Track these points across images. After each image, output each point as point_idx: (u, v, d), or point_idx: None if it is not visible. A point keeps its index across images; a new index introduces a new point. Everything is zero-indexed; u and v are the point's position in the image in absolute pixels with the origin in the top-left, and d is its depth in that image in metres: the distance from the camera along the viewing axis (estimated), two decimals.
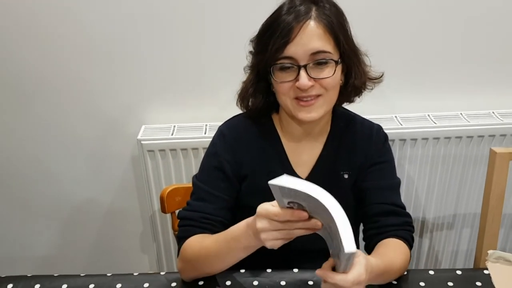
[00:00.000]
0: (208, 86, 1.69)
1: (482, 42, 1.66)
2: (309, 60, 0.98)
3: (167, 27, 1.59)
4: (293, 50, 0.97)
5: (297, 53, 0.97)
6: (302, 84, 0.98)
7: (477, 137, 1.67)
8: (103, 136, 1.77)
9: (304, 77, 0.98)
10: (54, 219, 1.93)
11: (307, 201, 0.76)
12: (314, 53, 0.97)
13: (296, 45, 0.97)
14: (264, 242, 0.84)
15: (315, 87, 1.00)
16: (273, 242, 0.83)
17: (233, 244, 0.93)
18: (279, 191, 0.77)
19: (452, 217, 1.85)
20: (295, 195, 0.76)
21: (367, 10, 1.57)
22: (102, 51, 1.62)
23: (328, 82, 1.00)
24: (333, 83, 1.01)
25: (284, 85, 1.01)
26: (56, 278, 1.06)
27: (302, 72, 0.98)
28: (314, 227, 0.82)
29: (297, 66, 0.98)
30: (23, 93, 1.69)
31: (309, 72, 0.98)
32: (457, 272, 1.06)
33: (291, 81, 1.00)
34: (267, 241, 0.83)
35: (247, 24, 1.06)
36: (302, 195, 0.74)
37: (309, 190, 0.73)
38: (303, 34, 0.97)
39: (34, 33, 1.59)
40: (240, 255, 0.95)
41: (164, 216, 1.78)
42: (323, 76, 0.99)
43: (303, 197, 0.75)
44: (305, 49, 0.97)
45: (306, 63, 0.98)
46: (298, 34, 0.96)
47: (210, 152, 1.13)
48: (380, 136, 1.19)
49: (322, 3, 1.01)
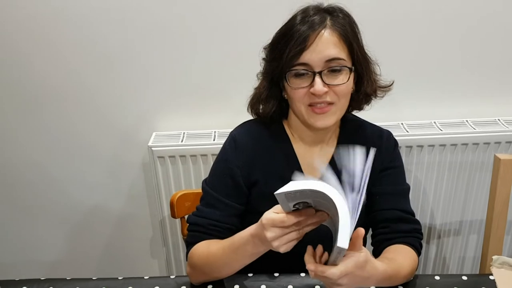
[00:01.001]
0: (217, 95, 1.71)
1: (488, 50, 1.67)
2: (323, 67, 1.00)
3: (178, 36, 1.62)
4: (308, 57, 1.00)
5: (312, 60, 1.00)
6: (317, 90, 1.00)
7: (483, 144, 1.68)
8: (115, 143, 1.79)
9: (319, 83, 1.00)
10: (66, 224, 1.96)
11: (312, 197, 0.79)
12: (328, 60, 1.00)
13: (311, 52, 0.99)
14: (278, 249, 0.85)
15: (329, 94, 1.02)
16: (286, 246, 0.85)
17: (240, 252, 0.95)
18: (284, 197, 0.79)
19: (459, 224, 1.85)
20: (300, 195, 0.78)
21: (375, 19, 1.58)
22: (114, 60, 1.65)
23: (342, 89, 1.02)
24: (346, 90, 1.04)
25: (299, 91, 1.03)
26: (68, 281, 1.08)
27: (317, 78, 1.00)
28: (321, 218, 0.84)
29: (312, 72, 1.00)
30: (35, 101, 1.72)
31: (323, 79, 1.00)
32: (463, 278, 1.06)
33: (306, 87, 1.02)
34: (281, 247, 0.85)
35: (257, 32, 1.08)
36: (307, 192, 0.76)
37: (315, 186, 0.75)
38: (318, 41, 0.99)
39: (46, 41, 1.62)
40: (247, 261, 0.97)
41: (173, 221, 1.80)
42: (337, 83, 1.02)
43: (309, 194, 0.77)
44: (320, 56, 0.99)
45: (321, 69, 1.00)
46: (314, 42, 0.99)
47: (221, 158, 1.14)
48: (390, 141, 1.20)
49: (336, 12, 1.04)
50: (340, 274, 0.81)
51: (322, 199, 0.78)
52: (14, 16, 1.58)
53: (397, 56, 1.65)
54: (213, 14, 1.59)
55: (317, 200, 0.80)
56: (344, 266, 0.82)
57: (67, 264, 2.04)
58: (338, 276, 0.81)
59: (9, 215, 1.94)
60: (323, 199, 0.77)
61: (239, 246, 0.95)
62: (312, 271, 0.82)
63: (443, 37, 1.64)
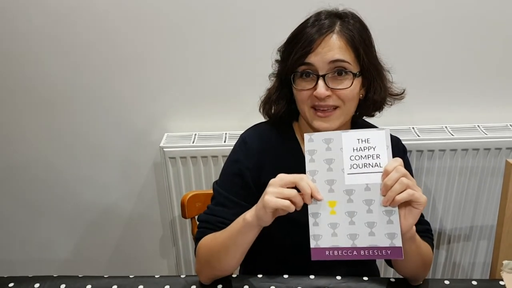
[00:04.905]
0: (228, 97, 1.73)
1: (501, 55, 1.66)
2: (328, 70, 1.01)
3: (190, 38, 1.63)
4: (313, 59, 1.01)
5: (316, 62, 1.01)
6: (319, 93, 1.01)
7: (495, 149, 1.67)
8: (127, 144, 1.81)
9: (322, 86, 1.01)
10: (78, 224, 1.98)
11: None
12: (332, 61, 1.01)
13: (316, 54, 1.01)
14: (268, 202, 0.88)
15: (332, 97, 1.03)
16: (276, 200, 0.88)
17: (233, 229, 0.99)
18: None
19: (469, 229, 1.84)
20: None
21: (386, 24, 1.58)
22: (127, 61, 1.67)
23: (346, 94, 1.03)
24: (350, 95, 1.04)
25: (303, 93, 1.04)
26: (80, 279, 1.09)
27: (320, 81, 1.01)
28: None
29: (316, 75, 1.02)
30: (48, 102, 1.75)
31: (327, 82, 1.01)
32: (473, 283, 1.06)
33: (310, 89, 1.03)
34: (271, 199, 0.88)
35: (269, 35, 1.09)
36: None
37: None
38: (324, 45, 1.01)
39: (60, 42, 1.65)
40: (240, 241, 0.98)
41: (183, 222, 1.81)
42: (340, 87, 1.02)
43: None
44: (324, 59, 1.00)
45: (325, 73, 1.01)
46: (320, 45, 1.00)
47: (231, 159, 1.15)
48: (400, 147, 1.21)
49: (347, 18, 1.05)
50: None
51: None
52: (28, 17, 1.61)
53: (409, 61, 1.65)
54: (226, 18, 1.60)
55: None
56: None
57: (79, 263, 2.07)
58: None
59: (22, 214, 1.97)
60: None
61: (232, 224, 0.99)
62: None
63: (455, 42, 1.64)
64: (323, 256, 0.88)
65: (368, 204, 0.87)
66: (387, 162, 0.88)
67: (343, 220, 0.88)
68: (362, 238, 0.87)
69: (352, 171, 0.89)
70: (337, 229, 0.88)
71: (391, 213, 0.86)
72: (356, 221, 0.87)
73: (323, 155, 0.90)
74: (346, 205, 0.88)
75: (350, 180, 0.88)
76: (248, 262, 1.18)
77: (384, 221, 0.86)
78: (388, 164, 0.87)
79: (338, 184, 0.89)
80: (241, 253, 1.00)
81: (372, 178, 0.87)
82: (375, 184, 0.87)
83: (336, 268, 1.16)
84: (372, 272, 1.30)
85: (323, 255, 0.88)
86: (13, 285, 1.07)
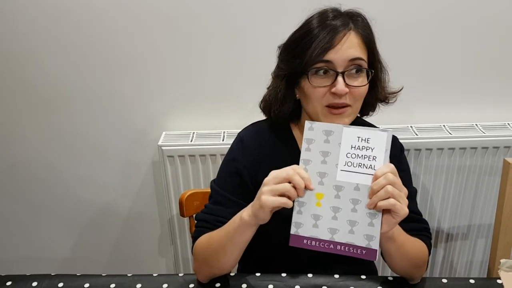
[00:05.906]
0: (227, 96, 1.73)
1: (499, 54, 1.66)
2: (346, 67, 1.01)
3: (188, 37, 1.63)
4: (332, 56, 1.00)
5: (336, 59, 1.00)
6: (339, 89, 1.00)
7: (492, 148, 1.67)
8: (125, 142, 1.81)
9: (341, 83, 1.00)
10: (76, 222, 1.98)
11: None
12: (352, 60, 1.01)
13: (336, 51, 1.00)
14: (266, 201, 0.88)
15: (347, 95, 1.02)
16: (273, 197, 0.88)
17: (230, 227, 0.99)
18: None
19: (467, 228, 1.84)
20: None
21: (384, 22, 1.57)
22: (125, 61, 1.67)
23: (360, 91, 1.03)
24: (363, 93, 1.05)
25: (319, 90, 1.02)
26: (78, 277, 1.09)
27: (339, 78, 1.00)
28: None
29: (335, 72, 1.01)
30: (47, 101, 1.74)
31: (345, 79, 1.01)
32: (470, 281, 1.06)
33: (327, 86, 1.02)
34: (268, 197, 0.88)
35: (267, 35, 1.09)
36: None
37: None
38: (344, 42, 1.00)
39: (59, 42, 1.64)
40: (237, 239, 0.98)
41: (181, 220, 1.81)
42: (357, 84, 1.02)
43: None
44: (344, 56, 1.00)
45: (344, 70, 1.01)
46: (340, 42, 1.00)
47: (228, 158, 1.15)
48: (397, 146, 1.21)
49: (358, 18, 1.06)
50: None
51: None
52: (28, 17, 1.61)
53: (407, 60, 1.65)
54: (224, 17, 1.60)
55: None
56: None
57: (77, 262, 2.06)
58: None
59: (21, 213, 1.96)
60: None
61: (229, 222, 1.00)
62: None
63: (453, 40, 1.64)
64: (300, 244, 0.90)
65: (354, 204, 0.87)
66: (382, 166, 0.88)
67: (326, 213, 0.89)
68: (341, 234, 0.88)
69: (345, 168, 0.88)
70: (319, 221, 0.89)
71: (374, 216, 0.87)
72: (339, 217, 0.88)
73: (320, 147, 0.90)
74: (333, 200, 0.89)
75: (342, 177, 0.88)
76: (246, 261, 1.19)
77: (366, 223, 0.87)
78: (379, 169, 0.87)
79: (329, 178, 0.89)
80: (238, 251, 1.00)
81: (363, 179, 0.87)
82: (365, 185, 0.87)
83: (334, 267, 1.16)
84: (370, 271, 1.30)
85: (301, 243, 0.90)
86: (11, 283, 1.07)
